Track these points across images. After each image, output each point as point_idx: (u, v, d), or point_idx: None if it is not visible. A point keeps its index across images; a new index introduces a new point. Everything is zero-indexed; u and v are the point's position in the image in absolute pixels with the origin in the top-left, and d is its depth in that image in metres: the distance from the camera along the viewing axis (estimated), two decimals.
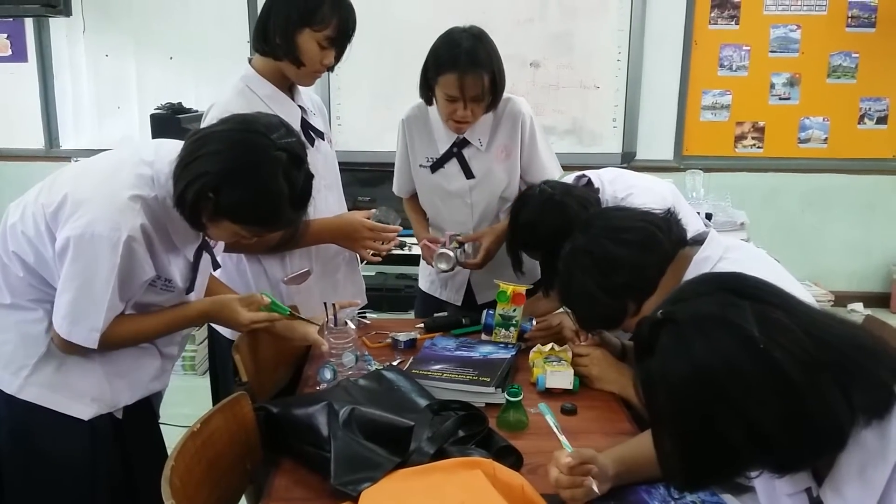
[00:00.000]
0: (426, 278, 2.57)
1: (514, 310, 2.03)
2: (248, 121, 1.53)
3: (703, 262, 1.51)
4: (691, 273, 1.50)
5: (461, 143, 2.30)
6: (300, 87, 2.08)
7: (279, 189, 1.46)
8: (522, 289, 2.03)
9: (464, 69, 2.08)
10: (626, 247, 1.53)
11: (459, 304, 2.47)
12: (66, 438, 1.55)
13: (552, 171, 2.36)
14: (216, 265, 1.77)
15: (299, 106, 2.04)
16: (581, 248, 1.59)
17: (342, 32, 1.95)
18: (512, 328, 2.05)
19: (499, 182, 2.32)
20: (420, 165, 2.36)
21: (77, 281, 1.46)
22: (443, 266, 2.24)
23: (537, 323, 2.09)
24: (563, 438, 1.37)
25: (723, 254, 1.53)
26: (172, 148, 1.55)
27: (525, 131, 2.31)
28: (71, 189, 1.48)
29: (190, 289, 1.68)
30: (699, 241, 1.57)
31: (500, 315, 2.05)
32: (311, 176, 1.55)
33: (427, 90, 2.21)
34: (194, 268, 1.68)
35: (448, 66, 2.10)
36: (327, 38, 1.93)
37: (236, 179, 1.45)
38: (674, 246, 1.56)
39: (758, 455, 0.95)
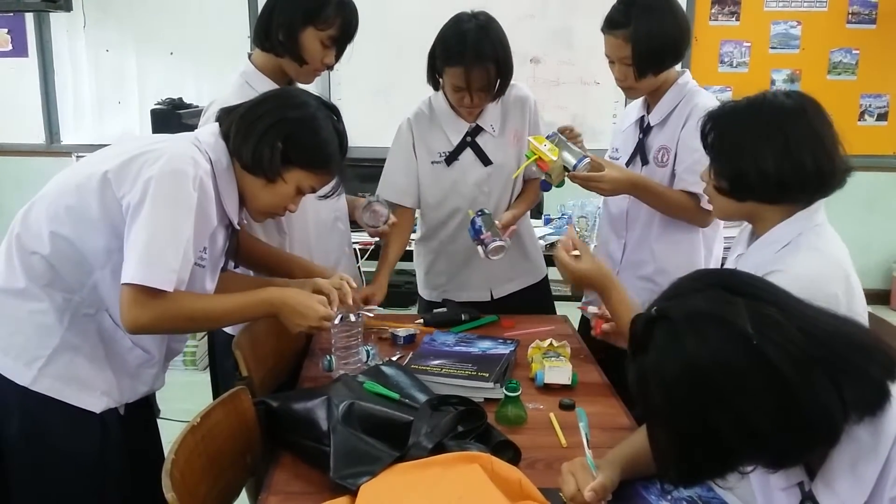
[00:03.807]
0: (434, 289, 2.46)
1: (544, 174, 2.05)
2: (285, 88, 1.75)
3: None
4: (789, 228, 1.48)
5: (474, 132, 2.28)
6: (299, 84, 2.09)
7: (331, 134, 1.67)
8: (547, 159, 2.00)
9: (470, 63, 2.08)
10: (812, 159, 1.46)
11: (488, 299, 2.40)
12: (78, 431, 1.55)
13: None
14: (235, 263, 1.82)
15: None
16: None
17: (345, 32, 1.97)
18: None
19: (512, 167, 2.29)
20: (433, 162, 2.30)
21: (156, 219, 1.46)
22: (500, 256, 2.18)
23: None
24: (588, 453, 1.34)
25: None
26: (207, 126, 1.70)
27: (531, 114, 2.34)
28: (135, 151, 1.53)
29: (225, 266, 1.76)
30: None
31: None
32: (344, 127, 1.73)
33: (434, 76, 2.21)
34: (228, 248, 1.73)
35: (455, 59, 2.10)
36: (330, 38, 1.95)
37: (300, 127, 1.64)
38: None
39: (750, 450, 0.96)
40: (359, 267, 2.34)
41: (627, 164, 2.17)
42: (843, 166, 1.49)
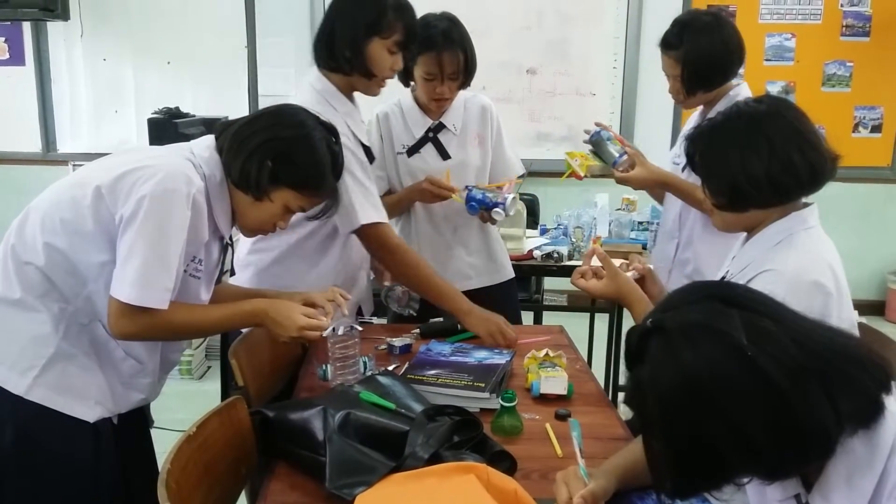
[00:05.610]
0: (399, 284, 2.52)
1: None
2: (283, 105, 1.74)
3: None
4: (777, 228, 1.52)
5: (436, 129, 2.40)
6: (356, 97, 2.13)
7: (324, 156, 1.65)
8: (581, 171, 2.34)
9: (441, 48, 2.20)
10: (799, 155, 1.47)
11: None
12: (71, 441, 1.55)
13: (516, 167, 2.52)
14: (231, 271, 1.82)
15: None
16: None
17: (410, 34, 2.00)
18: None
19: (473, 165, 2.43)
20: (397, 153, 2.43)
21: (149, 239, 1.48)
22: (515, 210, 2.34)
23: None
24: (581, 462, 1.35)
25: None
26: (203, 139, 1.69)
27: (494, 122, 2.47)
28: (129, 166, 1.53)
29: (219, 279, 1.75)
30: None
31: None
32: (341, 150, 1.73)
33: (405, 73, 2.30)
34: (221, 260, 1.74)
35: (426, 45, 2.20)
36: (396, 43, 1.97)
37: (291, 147, 1.62)
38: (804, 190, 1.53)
39: (746, 461, 0.96)
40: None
41: (684, 168, 2.29)
42: (831, 155, 1.51)
